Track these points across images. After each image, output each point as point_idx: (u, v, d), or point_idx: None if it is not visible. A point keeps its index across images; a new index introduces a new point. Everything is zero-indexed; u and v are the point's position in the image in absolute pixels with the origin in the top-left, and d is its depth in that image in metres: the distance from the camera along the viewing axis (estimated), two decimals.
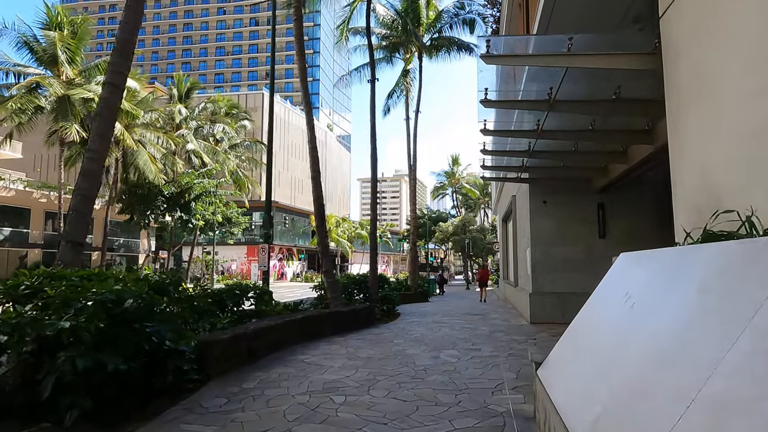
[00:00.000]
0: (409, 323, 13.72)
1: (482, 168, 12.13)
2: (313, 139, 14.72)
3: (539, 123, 8.58)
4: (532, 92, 7.45)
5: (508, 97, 8.25)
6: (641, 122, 8.33)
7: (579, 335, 4.48)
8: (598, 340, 3.78)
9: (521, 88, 7.60)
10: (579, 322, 4.68)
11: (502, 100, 8.06)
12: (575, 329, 4.71)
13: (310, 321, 10.62)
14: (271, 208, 13.51)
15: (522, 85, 7.49)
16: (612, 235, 13.10)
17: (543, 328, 12.16)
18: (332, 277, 14.15)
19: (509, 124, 9.46)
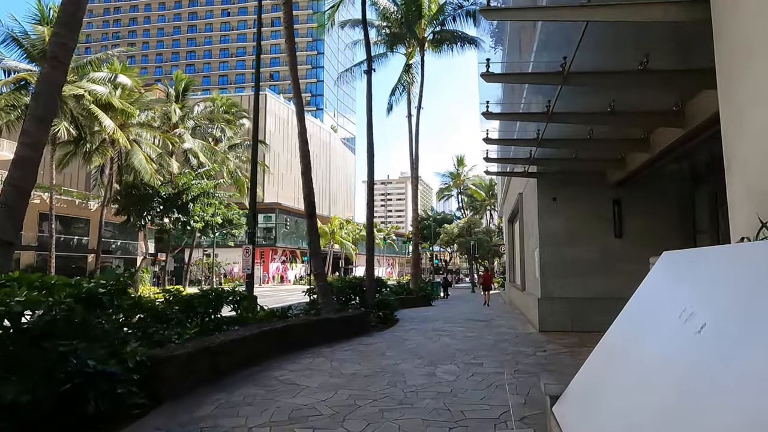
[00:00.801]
0: (406, 331, 12.59)
1: (485, 161, 10.99)
2: (304, 131, 13.69)
3: (550, 105, 7.45)
4: (542, 63, 6.33)
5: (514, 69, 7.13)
6: (669, 101, 7.18)
7: (613, 364, 3.34)
8: (645, 375, 2.64)
9: (531, 58, 6.48)
10: (611, 347, 3.54)
11: (507, 73, 6.95)
12: (606, 355, 3.57)
13: (293, 330, 9.52)
14: (255, 207, 12.44)
15: (532, 55, 6.37)
16: (629, 234, 11.91)
17: (553, 337, 10.99)
18: (324, 281, 13.06)
19: (516, 106, 8.33)
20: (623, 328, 3.54)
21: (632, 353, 3.09)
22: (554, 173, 12.18)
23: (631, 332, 3.38)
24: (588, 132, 8.78)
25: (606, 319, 10.12)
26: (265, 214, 69.24)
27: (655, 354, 2.72)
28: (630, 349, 3.19)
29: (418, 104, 27.04)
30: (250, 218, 12.24)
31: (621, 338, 3.46)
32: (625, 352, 3.24)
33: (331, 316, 11.12)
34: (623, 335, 3.46)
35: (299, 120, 13.75)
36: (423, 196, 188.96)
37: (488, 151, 10.79)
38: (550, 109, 7.49)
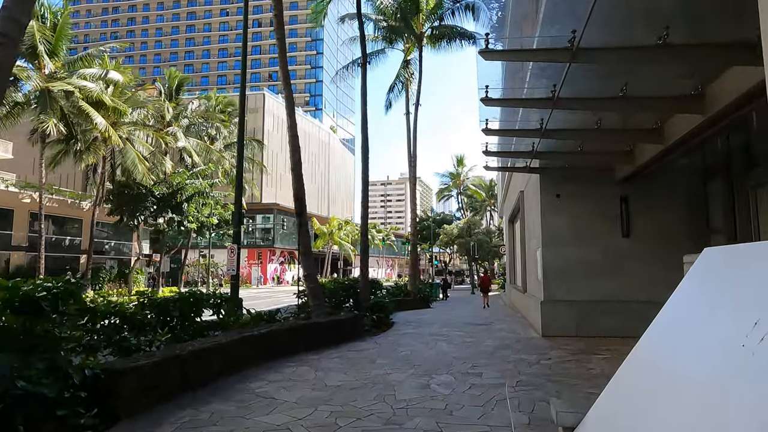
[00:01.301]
0: (401, 335, 11.91)
1: (485, 154, 10.30)
2: (294, 125, 13.01)
3: (555, 89, 6.77)
4: (547, 39, 5.64)
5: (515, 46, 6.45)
6: (687, 84, 6.50)
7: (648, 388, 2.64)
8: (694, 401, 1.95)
9: (536, 33, 5.79)
10: (642, 366, 2.83)
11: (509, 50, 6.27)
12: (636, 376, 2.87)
13: (276, 336, 8.84)
14: (241, 205, 11.76)
15: (538, 29, 5.68)
16: (637, 233, 11.23)
17: (557, 343, 10.30)
18: (314, 282, 12.38)
19: (518, 92, 7.65)
20: (658, 343, 2.84)
21: (675, 373, 2.40)
22: (558, 168, 11.50)
23: (670, 347, 2.69)
24: (596, 121, 8.10)
25: (613, 323, 9.46)
26: (263, 215, 68.64)
27: (709, 374, 2.03)
28: (671, 368, 2.49)
29: (416, 101, 26.36)
30: (235, 217, 11.55)
31: (656, 355, 2.76)
32: (664, 373, 2.54)
33: (319, 321, 10.43)
34: (659, 351, 2.76)
35: (289, 113, 13.08)
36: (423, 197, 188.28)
37: (488, 144, 10.12)
38: (555, 93, 6.81)
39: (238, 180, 11.80)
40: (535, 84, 7.13)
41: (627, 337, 11.09)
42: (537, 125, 8.37)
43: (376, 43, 29.55)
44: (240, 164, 11.90)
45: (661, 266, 10.97)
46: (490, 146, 10.19)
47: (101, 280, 37.12)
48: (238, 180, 11.81)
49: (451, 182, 70.76)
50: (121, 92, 32.17)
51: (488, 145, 10.09)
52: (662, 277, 11.41)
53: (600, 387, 6.27)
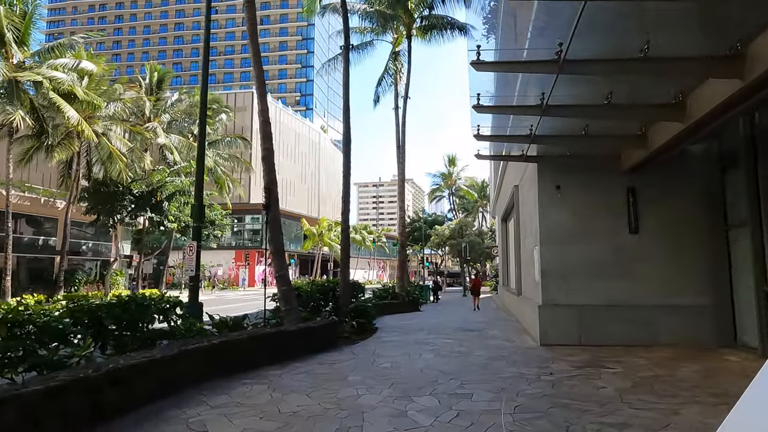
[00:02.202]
0: (383, 344, 10.62)
1: (477, 139, 8.99)
2: (265, 110, 11.73)
3: (561, 50, 5.54)
4: None
5: None
6: (721, 44, 5.28)
7: None
8: None
9: None
10: None
11: None
12: None
13: (233, 347, 7.52)
14: (202, 197, 10.41)
15: None
16: (646, 228, 10.03)
17: (558, 353, 9.06)
18: (287, 284, 11.07)
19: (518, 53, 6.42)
20: None
21: None
22: (557, 157, 10.28)
23: None
24: (606, 96, 6.88)
25: (621, 331, 8.11)
26: (251, 215, 67.18)
27: None
28: None
29: (405, 94, 25.13)
30: (196, 210, 10.21)
31: None
32: None
33: (288, 328, 9.11)
34: None
35: (260, 96, 11.77)
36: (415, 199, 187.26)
37: (480, 128, 8.88)
38: (561, 55, 5.57)
39: (198, 171, 10.45)
40: (539, 43, 5.89)
41: (636, 346, 9.90)
42: (537, 100, 7.14)
43: (364, 35, 28.37)
44: (201, 154, 10.53)
45: (673, 266, 9.81)
46: (483, 129, 8.95)
47: (77, 282, 35.51)
48: (199, 171, 10.45)
49: (443, 182, 69.63)
50: (97, 85, 30.69)
51: (480, 129, 8.85)
52: (675, 279, 10.28)
53: (617, 414, 4.97)
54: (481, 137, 8.80)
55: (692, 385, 6.44)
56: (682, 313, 9.62)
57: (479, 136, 8.77)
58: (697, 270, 9.73)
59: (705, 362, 7.99)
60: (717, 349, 9.06)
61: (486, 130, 8.95)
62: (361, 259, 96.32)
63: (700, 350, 9.02)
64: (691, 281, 9.73)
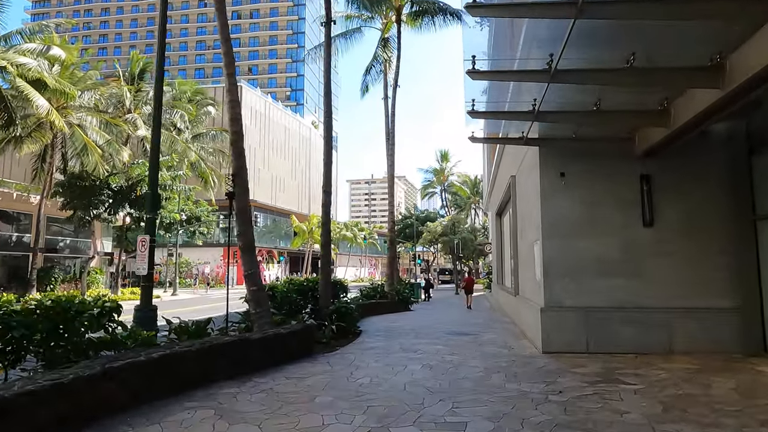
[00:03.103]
0: (364, 352, 9.38)
1: (471, 116, 7.68)
2: (234, 89, 10.43)
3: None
4: None
5: None
6: None
7: None
8: None
9: None
10: None
11: None
12: None
13: (178, 361, 6.25)
14: (156, 186, 9.10)
15: None
16: (663, 220, 8.86)
17: (564, 363, 7.87)
18: (256, 284, 9.79)
19: None
20: None
21: None
22: (562, 140, 9.08)
23: None
24: (628, 58, 5.68)
25: (634, 336, 6.09)
26: None
27: None
28: None
29: (394, 82, 23.85)
30: (149, 198, 8.89)
31: None
32: None
33: (252, 336, 7.84)
34: None
35: (228, 74, 10.45)
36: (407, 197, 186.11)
37: (474, 104, 7.63)
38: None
39: (152, 157, 9.09)
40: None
41: (650, 354, 8.71)
42: (543, 64, 5.91)
43: (351, 21, 27.07)
44: (156, 137, 9.17)
45: (693, 263, 8.65)
46: (478, 106, 7.67)
47: (53, 280, 33.94)
48: (153, 157, 9.09)
49: (435, 178, 68.51)
50: (71, 74, 29.19)
51: (475, 105, 7.59)
52: (694, 278, 9.07)
53: None
54: (476, 114, 7.59)
55: (735, 409, 5.27)
56: (703, 316, 8.48)
57: (474, 113, 7.55)
58: (720, 268, 8.58)
59: (737, 376, 6.83)
60: (745, 359, 7.91)
61: (482, 106, 7.73)
62: (352, 256, 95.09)
63: (725, 360, 7.87)
64: (714, 280, 8.59)
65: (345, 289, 13.82)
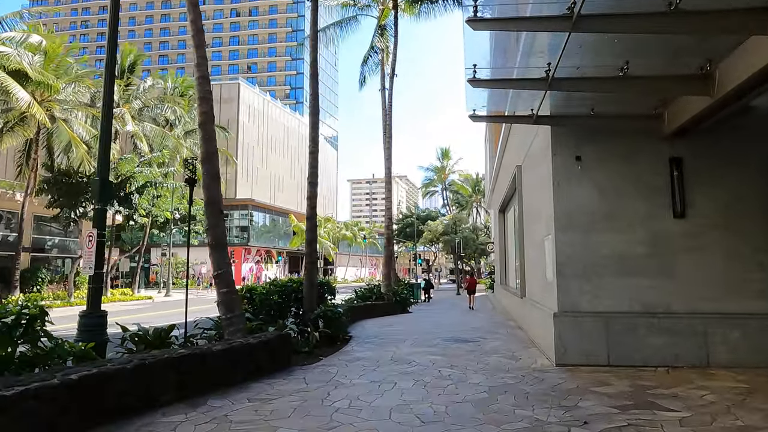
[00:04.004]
0: (349, 363, 8.14)
1: (472, 84, 6.31)
2: (203, 64, 9.18)
3: None
4: None
5: None
6: None
7: None
8: None
9: None
10: None
11: None
12: None
13: (101, 383, 5.00)
14: (107, 175, 7.83)
15: None
16: (697, 211, 7.61)
17: (584, 379, 6.62)
18: (228, 286, 8.57)
19: None
20: None
21: None
22: (578, 118, 7.82)
23: None
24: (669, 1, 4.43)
25: (665, 346, 5.20)
26: (238, 211, 64.71)
27: None
28: None
29: (391, 71, 22.63)
30: (97, 186, 7.64)
31: None
32: None
33: (213, 348, 6.59)
34: None
35: (197, 45, 9.22)
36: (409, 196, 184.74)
37: (476, 70, 6.37)
38: None
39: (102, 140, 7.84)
40: None
41: (684, 367, 7.47)
42: (562, 11, 4.66)
43: (346, 10, 25.85)
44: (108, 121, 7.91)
45: (732, 261, 7.38)
46: (481, 73, 6.38)
47: (39, 281, 32.77)
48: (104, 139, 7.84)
49: (436, 176, 67.21)
50: (57, 65, 28.02)
51: (477, 71, 6.31)
52: (735, 277, 7.58)
53: None
54: (479, 83, 6.35)
55: None
56: (744, 323, 7.22)
57: (476, 81, 6.31)
58: (765, 266, 7.33)
59: None
60: None
61: (485, 74, 6.49)
62: (353, 256, 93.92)
63: None
64: (758, 280, 7.33)
65: (332, 291, 12.57)
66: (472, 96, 7.48)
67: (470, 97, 7.47)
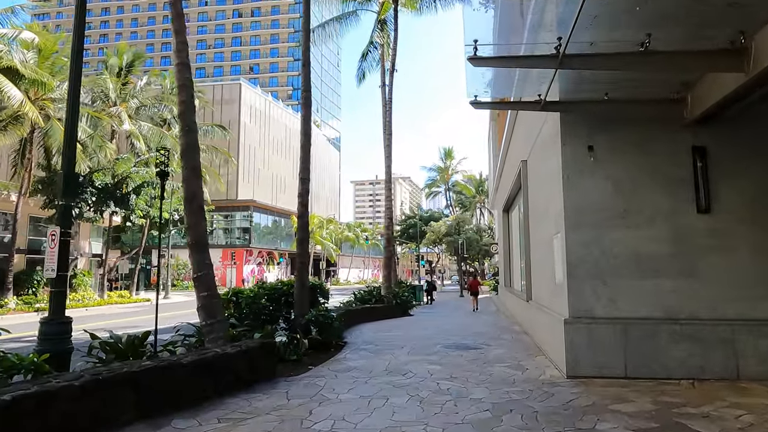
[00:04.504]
0: (340, 374, 7.42)
1: (472, 63, 5.55)
2: (183, 50, 8.51)
3: None
4: None
5: None
6: None
7: None
8: None
9: None
10: None
11: None
12: None
13: (42, 403, 4.31)
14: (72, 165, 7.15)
15: None
16: (723, 206, 6.87)
17: (599, 394, 5.89)
18: (208, 289, 7.88)
19: None
20: None
21: None
22: (590, 104, 7.09)
23: None
24: None
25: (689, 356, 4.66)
26: (239, 212, 64.20)
27: None
28: None
29: (391, 66, 21.93)
30: (62, 180, 6.95)
31: None
32: None
33: (182, 359, 5.89)
34: None
35: (176, 32, 8.55)
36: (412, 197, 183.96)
37: (477, 46, 5.61)
38: None
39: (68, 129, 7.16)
40: None
41: (713, 380, 6.67)
42: None
43: (346, 5, 25.18)
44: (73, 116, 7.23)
45: (765, 260, 6.65)
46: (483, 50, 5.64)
47: (35, 283, 32.22)
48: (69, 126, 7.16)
49: (439, 176, 66.41)
50: (53, 63, 27.48)
51: (477, 47, 5.55)
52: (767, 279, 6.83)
53: None
54: (480, 61, 5.62)
55: None
56: None
57: (476, 60, 5.58)
58: None
59: None
60: None
61: (488, 51, 5.73)
62: (356, 258, 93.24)
63: None
64: None
65: (326, 294, 11.86)
66: (473, 79, 6.76)
67: (471, 80, 6.76)
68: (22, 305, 25.40)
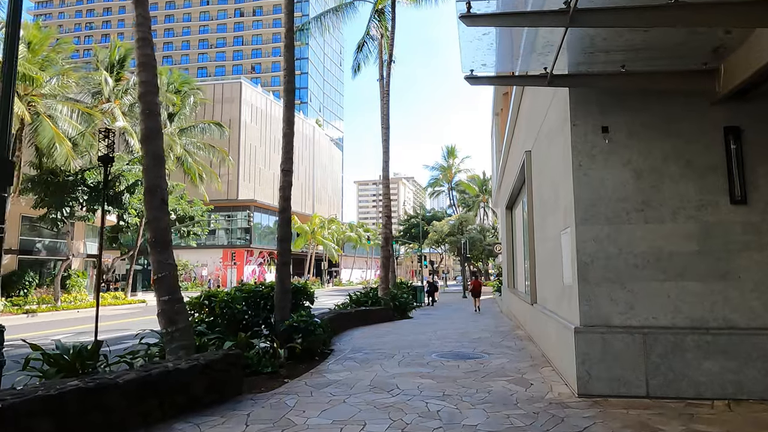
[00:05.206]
0: (316, 390, 6.47)
1: (465, 22, 4.50)
2: (144, 23, 7.62)
3: None
4: None
5: None
6: None
7: None
8: None
9: None
10: None
11: None
12: None
13: None
14: (9, 151, 6.26)
15: None
16: (762, 195, 5.87)
17: (616, 418, 4.92)
18: (170, 293, 6.95)
19: None
20: None
21: None
22: (605, 78, 6.11)
23: None
24: None
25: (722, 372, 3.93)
26: (240, 212, 63.47)
27: None
28: None
29: (389, 58, 20.99)
30: None
31: None
32: None
33: (117, 379, 4.94)
34: None
35: (136, 3, 7.64)
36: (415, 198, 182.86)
37: (471, 1, 4.67)
38: None
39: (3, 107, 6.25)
40: None
41: (751, 401, 5.68)
42: None
43: None
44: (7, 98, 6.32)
45: None
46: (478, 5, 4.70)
47: (27, 284, 31.48)
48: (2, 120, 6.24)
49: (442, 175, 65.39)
50: (45, 58, 26.73)
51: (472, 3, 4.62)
52: None
53: None
54: (474, 19, 4.67)
55: None
56: None
57: (470, 18, 4.63)
58: None
59: None
60: None
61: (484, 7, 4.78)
62: (359, 258, 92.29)
63: None
64: None
65: (310, 298, 10.92)
66: (468, 48, 5.79)
67: (466, 49, 5.79)
68: (11, 307, 24.66)
